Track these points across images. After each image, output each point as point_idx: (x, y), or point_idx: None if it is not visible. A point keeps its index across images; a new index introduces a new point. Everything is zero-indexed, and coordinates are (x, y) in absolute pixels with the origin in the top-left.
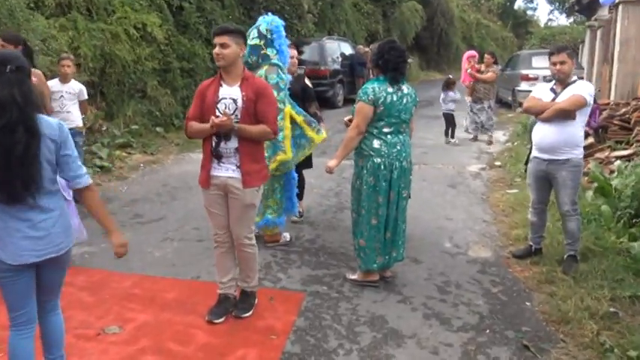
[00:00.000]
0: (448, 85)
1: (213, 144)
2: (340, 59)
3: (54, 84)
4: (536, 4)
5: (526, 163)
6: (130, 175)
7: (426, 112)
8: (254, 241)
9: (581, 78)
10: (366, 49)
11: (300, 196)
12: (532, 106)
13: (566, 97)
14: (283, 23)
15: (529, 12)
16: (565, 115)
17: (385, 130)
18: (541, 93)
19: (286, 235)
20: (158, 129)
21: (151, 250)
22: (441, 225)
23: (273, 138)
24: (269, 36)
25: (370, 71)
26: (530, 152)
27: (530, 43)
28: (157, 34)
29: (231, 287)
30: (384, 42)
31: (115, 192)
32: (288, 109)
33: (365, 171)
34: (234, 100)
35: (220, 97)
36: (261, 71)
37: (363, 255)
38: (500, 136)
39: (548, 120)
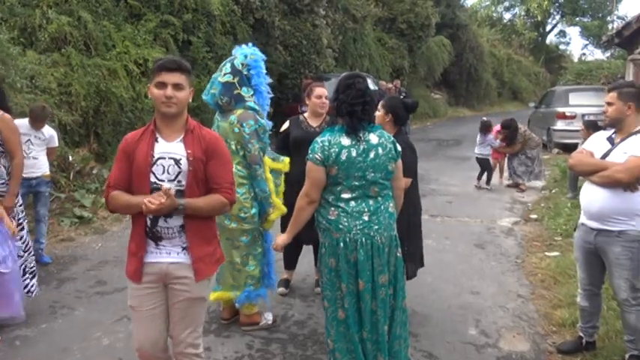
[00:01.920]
0: (486, 128)
1: (149, 222)
2: None
3: (22, 125)
4: (569, 39)
5: (575, 230)
6: (112, 227)
7: (452, 152)
8: (201, 350)
9: None
10: (390, 85)
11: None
12: (578, 164)
13: (624, 152)
14: (264, 57)
15: (562, 47)
16: (622, 185)
17: (345, 195)
18: (595, 143)
19: (268, 316)
20: None
21: (99, 334)
22: (465, 302)
23: (229, 210)
24: (245, 72)
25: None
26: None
27: (564, 78)
28: None
29: None
30: (344, 77)
31: (85, 250)
32: (266, 159)
33: (324, 249)
34: (177, 161)
35: (157, 156)
36: (233, 117)
37: None
38: (536, 182)
39: (599, 184)
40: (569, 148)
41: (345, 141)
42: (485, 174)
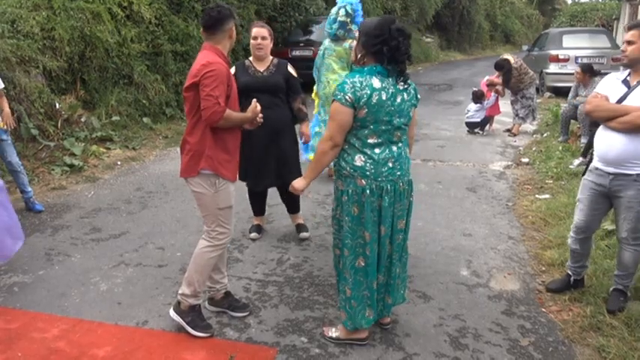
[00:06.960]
0: (480, 97)
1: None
2: None
3: None
4: None
5: (583, 174)
6: (103, 175)
7: (444, 96)
8: None
9: (618, 60)
10: None
11: (295, 209)
12: (595, 109)
13: None
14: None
15: None
16: None
17: (370, 140)
18: (609, 87)
19: None
20: (145, 119)
21: (97, 280)
22: (458, 244)
23: None
24: (353, 14)
25: (358, 58)
26: (588, 164)
27: (558, 20)
28: (145, 13)
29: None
30: (386, 20)
31: (78, 198)
32: None
33: (346, 197)
34: None
35: None
36: (347, 44)
37: (349, 308)
38: (527, 125)
39: (619, 130)
40: (562, 92)
41: (377, 83)
42: (480, 127)
